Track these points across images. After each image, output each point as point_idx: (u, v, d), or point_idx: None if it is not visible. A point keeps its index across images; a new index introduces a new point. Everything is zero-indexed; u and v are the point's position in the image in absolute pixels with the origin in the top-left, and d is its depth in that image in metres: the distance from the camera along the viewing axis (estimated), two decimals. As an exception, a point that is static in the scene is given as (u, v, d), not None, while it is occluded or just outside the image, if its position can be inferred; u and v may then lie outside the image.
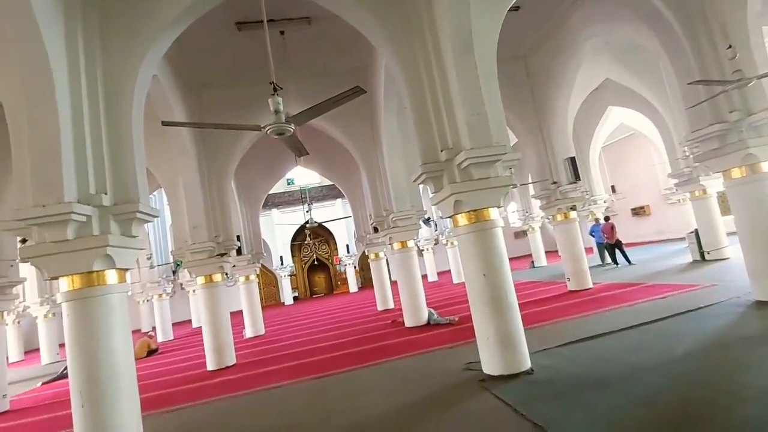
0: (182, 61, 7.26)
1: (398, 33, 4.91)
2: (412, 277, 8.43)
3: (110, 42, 4.06)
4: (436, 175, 4.61)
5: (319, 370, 5.97)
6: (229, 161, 8.20)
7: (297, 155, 3.99)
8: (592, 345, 4.85)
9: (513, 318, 4.30)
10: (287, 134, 3.43)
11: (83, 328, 3.61)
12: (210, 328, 7.54)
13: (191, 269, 7.62)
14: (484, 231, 4.40)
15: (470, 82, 4.38)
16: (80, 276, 3.62)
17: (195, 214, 7.46)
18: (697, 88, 5.39)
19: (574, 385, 3.76)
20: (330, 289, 26.00)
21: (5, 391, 7.12)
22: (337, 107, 3.30)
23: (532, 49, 9.35)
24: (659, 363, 3.96)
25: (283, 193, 23.67)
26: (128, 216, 3.89)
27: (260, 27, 6.54)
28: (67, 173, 3.54)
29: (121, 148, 3.95)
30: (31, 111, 3.54)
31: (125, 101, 4.02)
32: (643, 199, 19.50)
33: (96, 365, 3.58)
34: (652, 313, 5.75)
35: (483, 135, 4.30)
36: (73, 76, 3.74)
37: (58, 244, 3.54)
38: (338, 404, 4.49)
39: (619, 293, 7.75)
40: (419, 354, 5.95)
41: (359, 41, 7.57)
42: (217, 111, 8.12)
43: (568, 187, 8.79)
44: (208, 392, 5.90)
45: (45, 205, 3.41)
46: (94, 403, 3.54)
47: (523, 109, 9.36)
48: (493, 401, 3.70)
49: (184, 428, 4.55)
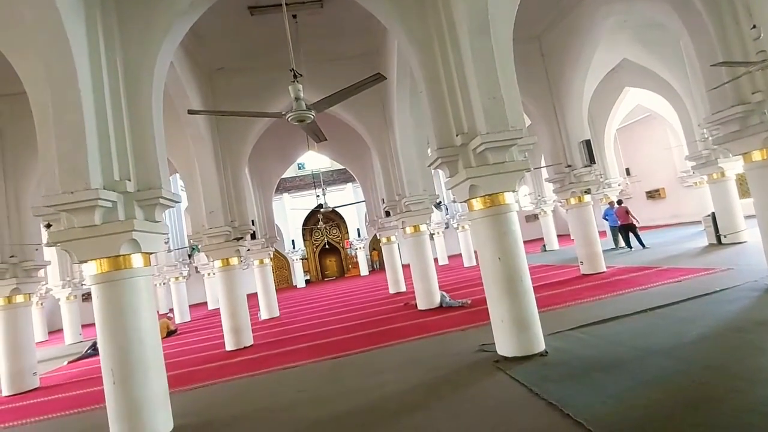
0: (195, 47, 7.28)
1: (412, 14, 4.85)
2: (425, 261, 8.51)
3: (128, 29, 4.10)
4: (451, 160, 4.62)
5: (334, 351, 6.14)
6: (244, 146, 8.28)
7: (315, 141, 4.04)
8: (606, 328, 4.90)
9: (528, 301, 4.35)
10: (307, 121, 3.47)
11: (112, 310, 3.77)
12: (228, 310, 7.75)
13: (208, 253, 7.79)
14: (499, 215, 4.42)
15: (486, 65, 4.33)
16: (108, 260, 3.75)
17: (211, 199, 7.58)
18: (719, 68, 5.26)
19: (588, 367, 3.83)
20: (341, 272, 26.32)
21: (35, 369, 7.45)
22: (356, 94, 3.31)
23: (546, 28, 9.14)
24: (672, 346, 4.00)
25: (294, 177, 23.81)
26: (151, 201, 4.01)
27: (272, 11, 6.55)
28: (92, 160, 3.64)
29: (142, 134, 4.04)
30: (56, 99, 3.63)
31: (145, 88, 4.09)
32: (658, 182, 19.19)
33: (125, 344, 3.75)
34: (666, 297, 5.75)
35: (499, 119, 4.28)
36: (94, 64, 3.81)
37: (86, 229, 3.67)
38: (354, 383, 4.63)
39: (633, 277, 7.75)
40: (432, 336, 6.07)
41: (371, 24, 7.50)
42: (230, 96, 8.17)
43: (582, 171, 8.71)
44: (228, 371, 6.12)
45: (73, 191, 3.53)
46: (125, 380, 3.71)
47: (538, 91, 9.22)
48: (508, 381, 3.79)
49: (209, 404, 4.74)
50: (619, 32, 8.65)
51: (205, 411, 4.51)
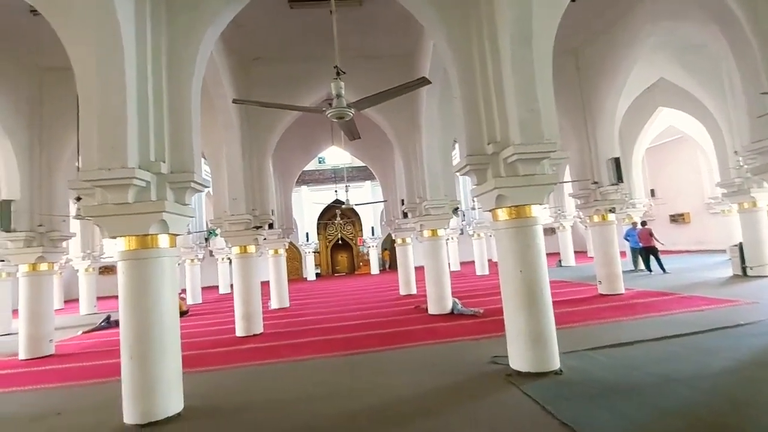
0: (233, 36, 7.37)
1: (453, 19, 4.81)
2: (440, 266, 8.48)
3: (176, 17, 4.19)
4: (481, 168, 4.58)
5: (344, 348, 6.16)
6: (271, 137, 8.38)
7: (350, 138, 4.06)
8: (623, 352, 4.80)
9: (546, 316, 4.29)
10: (346, 118, 3.48)
11: (136, 287, 3.85)
12: (241, 296, 7.85)
13: (228, 239, 7.90)
14: (524, 228, 4.37)
15: (526, 76, 4.28)
16: (137, 238, 3.84)
17: (235, 186, 7.69)
18: (763, 96, 5.10)
19: (604, 390, 3.76)
20: (352, 269, 26.42)
21: (52, 336, 7.67)
22: (399, 96, 3.30)
23: (584, 42, 9.00)
24: (692, 376, 3.89)
25: (314, 171, 23.98)
26: (183, 185, 4.08)
27: (312, 5, 6.59)
28: (131, 140, 3.72)
29: (179, 119, 4.12)
30: (101, 78, 3.72)
31: (186, 74, 4.16)
32: (684, 206, 18.73)
33: (146, 321, 3.82)
34: (687, 326, 5.60)
35: (534, 130, 4.23)
36: (140, 48, 3.90)
37: (119, 206, 3.76)
38: (365, 382, 4.64)
39: (652, 302, 7.57)
40: (443, 342, 6.04)
41: (408, 24, 7.49)
42: (264, 86, 8.27)
43: (609, 189, 8.55)
44: (238, 357, 6.19)
45: (110, 168, 3.61)
46: (142, 356, 3.79)
47: (570, 105, 9.09)
48: (520, 397, 3.74)
49: (218, 389, 4.80)
50: (659, 51, 8.45)
51: (214, 395, 4.56)
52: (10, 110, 7.18)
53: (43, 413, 4.37)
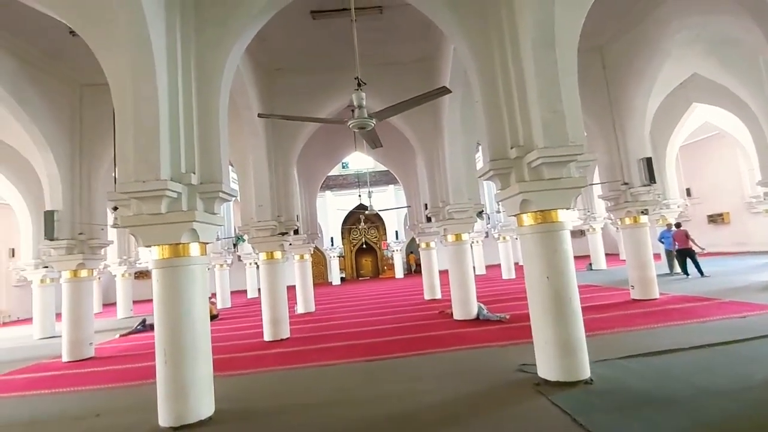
0: (257, 47, 7.58)
1: (474, 23, 4.79)
2: (464, 270, 8.40)
3: (204, 33, 4.36)
4: (504, 173, 4.52)
5: (369, 353, 6.18)
6: (295, 144, 8.55)
7: (372, 147, 4.11)
8: (658, 360, 4.62)
9: (575, 324, 4.18)
10: (368, 128, 3.53)
11: (170, 293, 4.00)
12: (268, 302, 8.01)
13: (255, 245, 8.09)
14: (550, 233, 4.28)
15: (548, 78, 4.21)
16: (169, 246, 4.00)
17: (261, 193, 7.87)
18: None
19: (637, 400, 3.63)
20: (376, 273, 26.49)
21: (92, 339, 8.04)
22: (419, 105, 3.32)
23: (610, 39, 8.75)
24: (733, 388, 3.70)
25: (338, 176, 24.23)
26: (212, 195, 4.22)
27: (334, 16, 6.71)
28: (163, 153, 3.89)
29: (208, 132, 4.27)
30: (135, 94, 3.91)
31: (214, 88, 4.32)
32: (722, 206, 17.84)
33: (179, 327, 3.97)
34: (728, 333, 5.34)
35: (558, 133, 4.15)
36: (170, 64, 4.08)
37: (153, 216, 3.93)
38: (390, 388, 4.64)
39: (689, 307, 7.25)
40: (469, 348, 5.97)
41: (428, 31, 7.52)
42: (287, 95, 8.45)
43: (640, 190, 8.26)
44: (266, 362, 6.32)
45: (145, 180, 3.78)
46: (176, 360, 3.93)
47: (597, 104, 8.85)
48: (549, 407, 3.66)
49: (248, 393, 4.92)
50: (691, 46, 8.12)
51: (244, 399, 4.68)
52: (52, 124, 7.61)
53: (84, 414, 4.59)
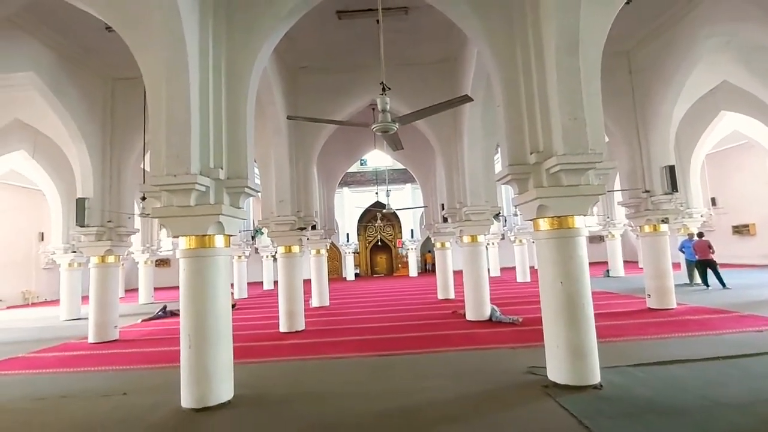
0: (283, 45, 7.74)
1: (498, 28, 4.83)
2: (479, 272, 8.45)
3: (235, 34, 4.55)
4: (522, 178, 4.57)
5: (381, 348, 6.32)
6: (316, 142, 8.73)
7: (393, 149, 4.22)
8: (669, 370, 4.61)
9: (587, 329, 4.22)
10: (391, 132, 3.64)
11: (195, 282, 4.20)
12: (285, 294, 8.22)
13: (274, 238, 8.31)
14: (566, 239, 4.32)
15: (571, 85, 4.24)
16: (196, 238, 4.20)
17: (282, 188, 8.07)
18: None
19: (646, 409, 3.66)
20: (390, 270, 26.64)
21: (116, 323, 8.41)
22: (442, 111, 3.41)
23: (638, 44, 8.63)
24: (745, 402, 3.69)
25: (356, 172, 24.41)
26: (238, 190, 4.41)
27: (360, 16, 6.83)
28: (194, 149, 4.09)
29: (236, 129, 4.45)
30: (169, 91, 4.11)
31: (242, 87, 4.49)
32: (749, 217, 17.33)
33: (203, 315, 4.17)
34: (744, 347, 5.27)
35: (578, 141, 4.18)
36: (203, 63, 4.27)
37: (182, 208, 4.13)
38: (399, 383, 4.76)
39: (707, 319, 7.16)
40: (480, 349, 6.05)
41: (451, 32, 7.56)
42: (310, 93, 8.63)
43: (662, 198, 8.15)
44: (282, 352, 6.53)
45: (176, 174, 3.98)
46: (199, 346, 4.13)
47: (621, 109, 8.73)
48: (557, 409, 3.72)
49: (264, 380, 5.11)
50: (721, 53, 7.95)
51: (260, 386, 4.87)
52: (87, 116, 7.96)
53: (111, 392, 4.85)
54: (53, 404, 4.58)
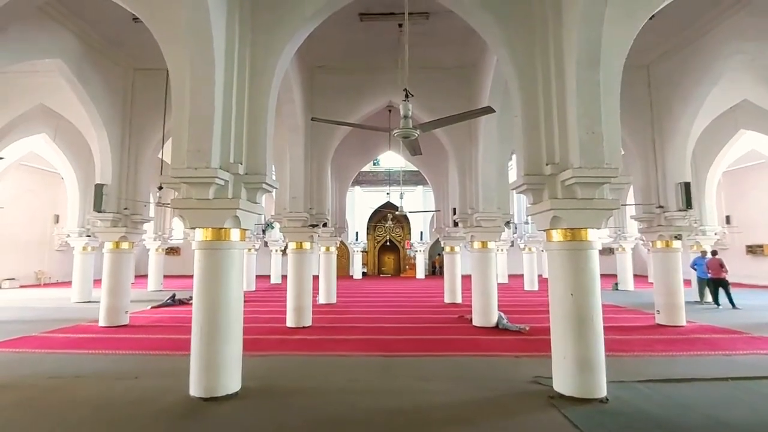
0: (303, 45, 7.82)
1: (519, 38, 4.85)
2: (487, 278, 8.46)
3: (259, 33, 4.65)
4: (537, 188, 4.59)
5: (386, 349, 6.37)
6: (331, 141, 8.81)
7: (411, 154, 4.27)
8: (676, 388, 4.59)
9: (595, 343, 4.22)
10: (411, 138, 3.69)
11: (210, 274, 4.30)
12: (294, 290, 8.30)
13: (286, 234, 8.40)
14: (579, 251, 4.33)
15: (590, 98, 4.25)
16: (213, 230, 4.29)
17: (296, 185, 8.17)
18: None
19: (652, 426, 3.65)
20: (397, 271, 26.68)
21: (127, 308, 8.57)
22: (463, 121, 3.45)
23: (659, 58, 8.56)
24: (753, 425, 3.67)
25: (368, 172, 24.48)
26: (256, 185, 4.50)
27: (381, 18, 6.89)
28: (215, 144, 4.18)
29: (256, 126, 4.54)
30: (194, 85, 4.20)
31: (264, 87, 4.58)
32: (763, 236, 17.05)
33: (216, 306, 4.26)
34: (752, 369, 5.23)
35: (595, 155, 4.19)
36: (228, 62, 4.37)
37: (201, 201, 4.22)
38: (403, 384, 4.81)
39: (716, 338, 7.08)
40: (485, 356, 6.07)
41: (471, 38, 7.57)
42: (327, 92, 8.71)
43: (675, 214, 8.08)
44: (288, 346, 6.62)
45: (197, 168, 4.08)
46: (211, 336, 4.22)
47: (638, 123, 8.67)
48: (561, 420, 3.74)
49: (271, 373, 5.19)
50: (743, 71, 7.85)
51: (267, 378, 4.95)
52: (108, 105, 8.13)
53: (122, 375, 4.97)
54: (68, 383, 4.71)
